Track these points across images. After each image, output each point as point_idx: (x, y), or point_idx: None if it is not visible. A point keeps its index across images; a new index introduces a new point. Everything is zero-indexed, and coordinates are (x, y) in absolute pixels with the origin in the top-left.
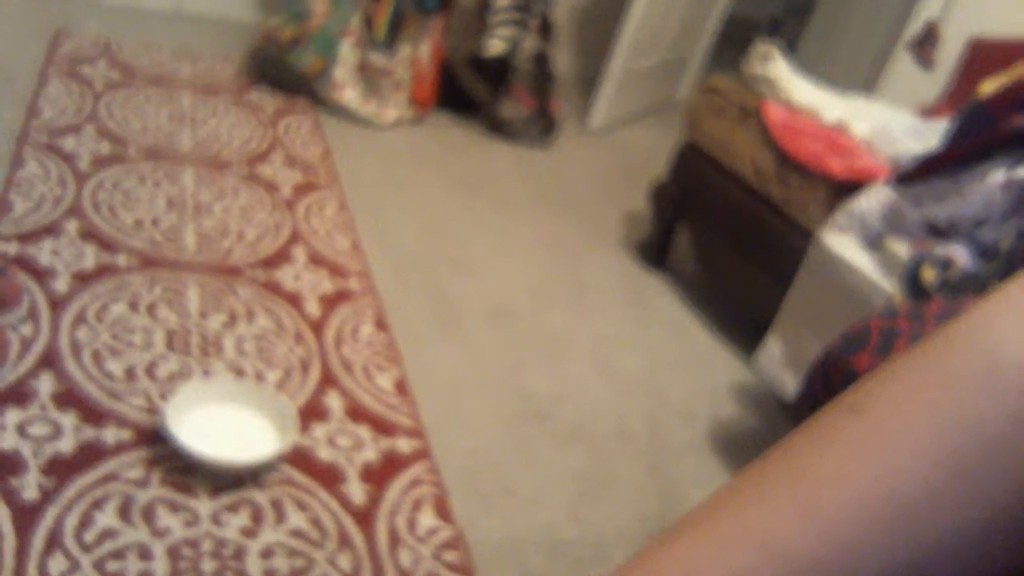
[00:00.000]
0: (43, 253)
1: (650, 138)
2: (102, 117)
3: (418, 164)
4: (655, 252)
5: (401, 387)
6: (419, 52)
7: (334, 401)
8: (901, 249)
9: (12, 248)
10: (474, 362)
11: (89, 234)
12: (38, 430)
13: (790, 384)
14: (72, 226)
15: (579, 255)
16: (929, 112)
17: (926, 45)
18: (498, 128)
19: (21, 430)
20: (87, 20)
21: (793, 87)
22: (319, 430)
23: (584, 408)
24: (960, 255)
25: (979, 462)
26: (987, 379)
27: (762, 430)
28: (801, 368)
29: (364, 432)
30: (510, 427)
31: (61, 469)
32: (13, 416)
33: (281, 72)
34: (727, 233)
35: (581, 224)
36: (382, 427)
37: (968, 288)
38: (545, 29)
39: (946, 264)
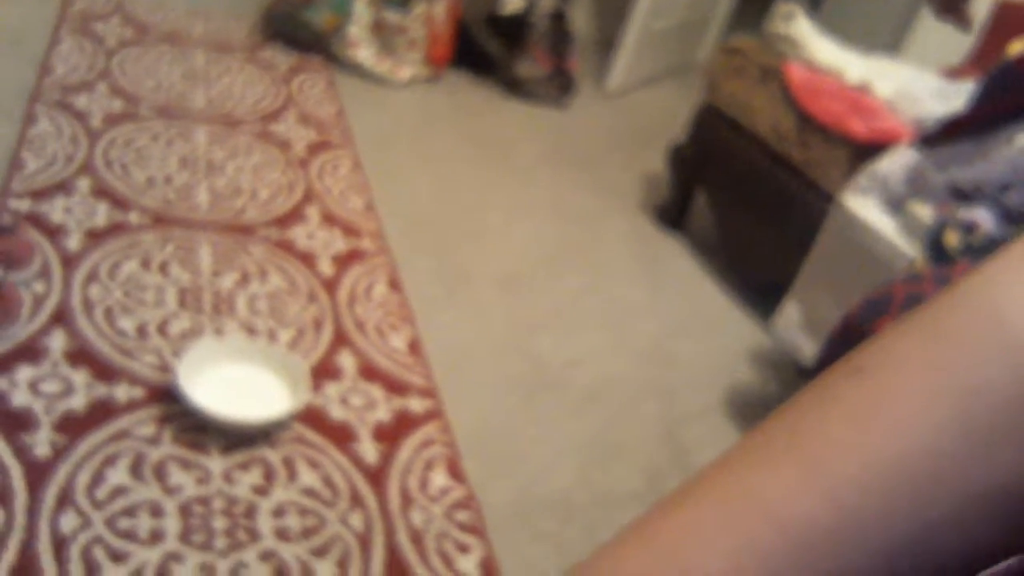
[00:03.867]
0: (55, 210)
1: (669, 100)
2: (115, 75)
3: (433, 123)
4: (672, 215)
5: (414, 347)
6: (434, 9)
7: (347, 360)
8: (924, 212)
9: (24, 205)
10: (487, 325)
11: (101, 192)
12: (50, 387)
13: (808, 348)
14: (84, 184)
15: (595, 218)
16: (954, 73)
17: (959, 2)
18: (514, 87)
19: (33, 387)
20: None
21: (815, 46)
22: (331, 389)
23: (597, 373)
24: (984, 219)
25: (986, 424)
26: (994, 338)
27: (779, 395)
28: (819, 332)
29: (376, 391)
30: (523, 391)
31: (73, 426)
32: (25, 373)
33: (295, 29)
34: (746, 196)
35: (597, 186)
36: (394, 386)
37: (993, 252)
38: None
39: (970, 228)
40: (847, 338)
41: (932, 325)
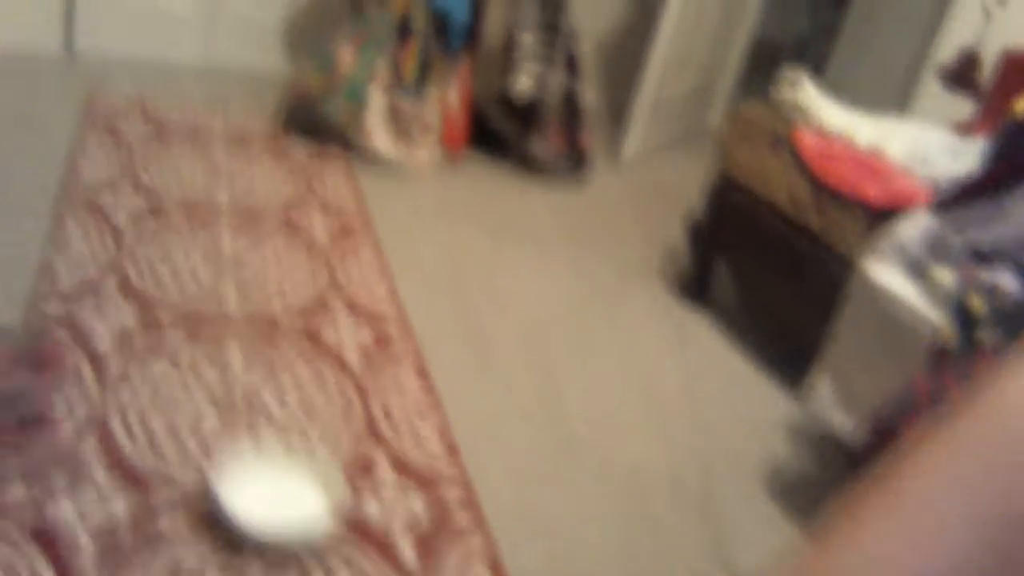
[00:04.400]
0: (85, 312)
1: (683, 168)
2: (138, 173)
3: (450, 205)
4: (694, 286)
5: (443, 434)
6: (447, 94)
7: (378, 454)
8: (946, 277)
9: (55, 309)
10: (515, 403)
11: (129, 292)
12: (86, 495)
13: (844, 423)
14: (112, 284)
15: (616, 290)
16: (964, 129)
17: (970, 73)
18: (529, 166)
19: (69, 495)
20: (121, 78)
21: (824, 112)
22: (364, 484)
23: (630, 448)
24: (1007, 281)
25: (1011, 540)
26: (1016, 452)
27: (816, 471)
28: (852, 405)
29: (409, 483)
30: (555, 468)
31: (110, 538)
32: (61, 481)
33: (312, 121)
34: (767, 264)
35: (617, 259)
36: (426, 477)
37: (1018, 315)
38: (571, 64)
39: (993, 291)
40: (880, 437)
41: (953, 436)
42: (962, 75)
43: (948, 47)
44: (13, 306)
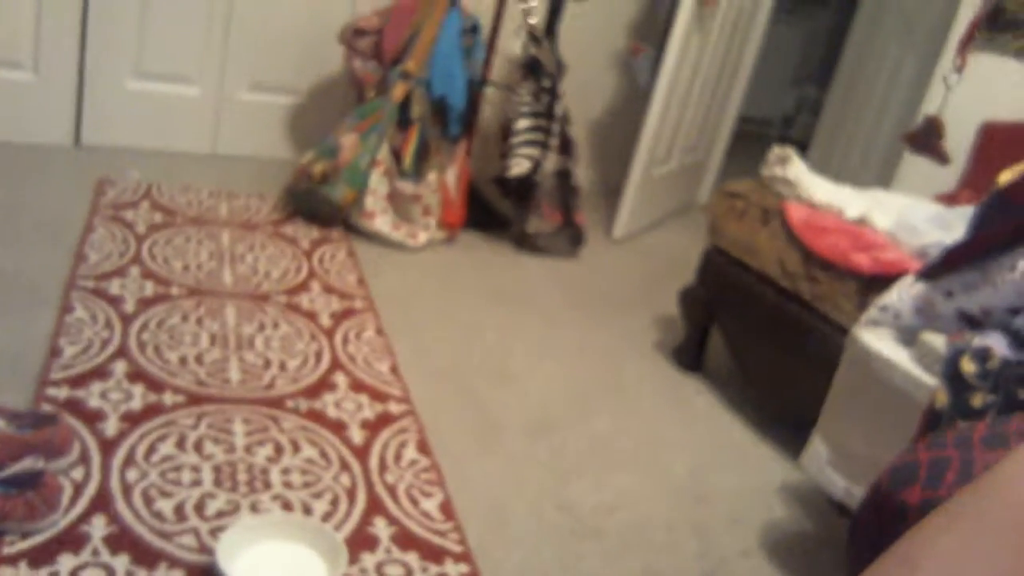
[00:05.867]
0: (92, 396)
1: (675, 241)
2: (145, 259)
3: (451, 282)
4: (690, 355)
5: (447, 510)
6: (446, 177)
7: (381, 529)
8: (938, 342)
9: (63, 393)
10: (518, 477)
11: (136, 375)
12: (92, 575)
13: (839, 484)
14: (119, 368)
15: (615, 362)
16: (950, 199)
17: (932, 139)
18: (526, 243)
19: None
20: (128, 167)
21: (813, 187)
22: (368, 560)
23: (632, 519)
24: (997, 344)
25: None
26: None
27: (814, 531)
28: (848, 468)
29: (413, 559)
30: (558, 545)
31: None
32: (67, 562)
33: (315, 205)
34: (761, 332)
35: (615, 331)
36: (430, 553)
37: (1010, 376)
38: (565, 145)
39: (984, 354)
40: (879, 507)
41: (975, 516)
42: (922, 140)
43: (917, 124)
44: (23, 390)
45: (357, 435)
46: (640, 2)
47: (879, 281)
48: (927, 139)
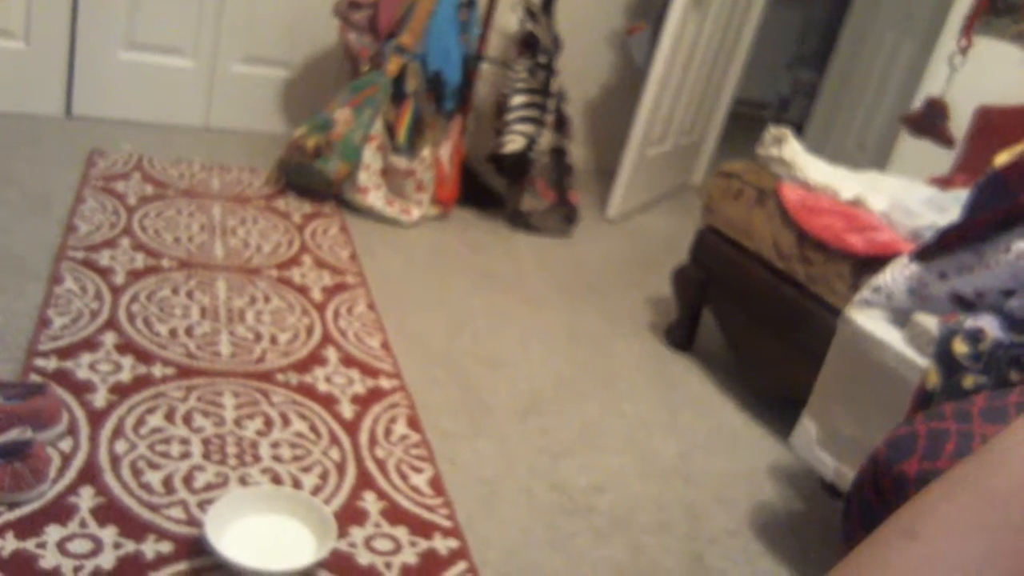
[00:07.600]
0: (81, 367)
1: (669, 222)
2: (136, 231)
3: (443, 260)
4: (682, 335)
5: (436, 486)
6: (440, 153)
7: (371, 503)
8: (930, 323)
9: (51, 364)
10: (508, 456)
11: (125, 346)
12: (79, 547)
13: (828, 463)
14: (109, 339)
15: (606, 342)
16: (945, 182)
17: (937, 121)
18: (519, 221)
19: (62, 547)
20: (120, 139)
21: (808, 167)
22: (357, 534)
23: (622, 499)
24: (990, 325)
25: None
26: None
27: (803, 511)
28: (838, 447)
29: (402, 534)
30: (548, 523)
31: None
32: (54, 533)
33: (308, 179)
34: (753, 313)
35: (607, 311)
36: (419, 528)
37: (1002, 358)
38: (561, 123)
39: (976, 335)
40: (876, 480)
41: (977, 485)
42: (926, 122)
43: (918, 106)
44: (11, 360)
45: (347, 410)
46: None
47: (873, 262)
48: (931, 121)
